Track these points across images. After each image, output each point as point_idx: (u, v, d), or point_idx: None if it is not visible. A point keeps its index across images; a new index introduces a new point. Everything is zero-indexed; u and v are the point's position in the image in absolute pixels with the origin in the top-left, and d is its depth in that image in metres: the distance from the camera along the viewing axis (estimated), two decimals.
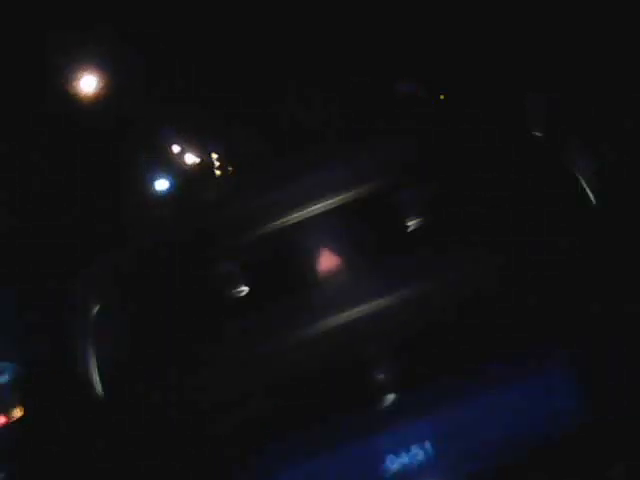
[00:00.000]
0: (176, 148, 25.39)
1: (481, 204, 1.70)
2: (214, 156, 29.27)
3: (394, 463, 1.53)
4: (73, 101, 12.55)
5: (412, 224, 1.69)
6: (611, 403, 1.53)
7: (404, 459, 1.52)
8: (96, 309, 1.74)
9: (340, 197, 1.70)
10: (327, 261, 1.69)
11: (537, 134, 1.73)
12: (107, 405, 1.67)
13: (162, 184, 21.55)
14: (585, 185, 1.67)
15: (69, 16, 11.31)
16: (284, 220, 1.70)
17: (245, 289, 1.72)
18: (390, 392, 1.57)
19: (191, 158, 27.81)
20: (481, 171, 1.73)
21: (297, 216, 1.70)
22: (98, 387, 1.68)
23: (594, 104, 1.85)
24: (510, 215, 1.68)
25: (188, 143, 26.25)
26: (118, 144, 14.92)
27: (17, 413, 1.75)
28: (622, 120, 1.83)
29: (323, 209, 1.70)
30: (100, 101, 13.69)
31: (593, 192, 1.66)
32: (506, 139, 1.77)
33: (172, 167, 23.78)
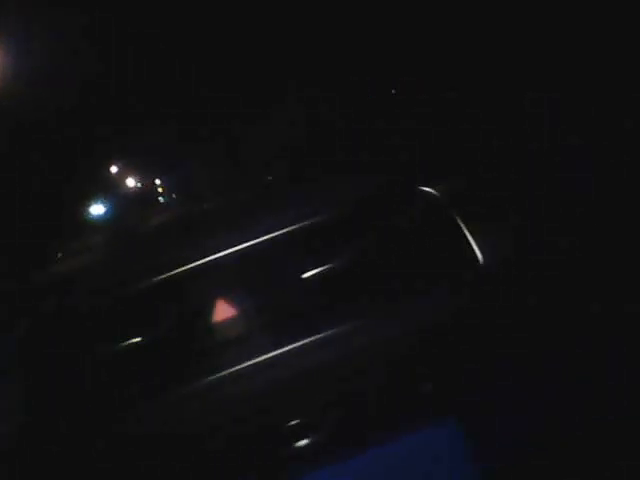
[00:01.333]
0: (115, 169, 24.70)
1: (377, 262, 1.68)
2: (157, 182, 28.87)
3: None
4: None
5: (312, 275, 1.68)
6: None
7: None
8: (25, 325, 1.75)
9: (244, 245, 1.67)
10: (230, 310, 1.67)
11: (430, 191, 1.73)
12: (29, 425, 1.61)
13: (98, 208, 21.07)
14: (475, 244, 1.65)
15: None
16: (191, 265, 1.66)
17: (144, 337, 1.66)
18: (300, 439, 1.54)
19: (132, 182, 27.24)
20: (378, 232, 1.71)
21: (204, 262, 1.66)
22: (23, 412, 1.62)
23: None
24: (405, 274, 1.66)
25: (131, 166, 25.52)
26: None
27: None
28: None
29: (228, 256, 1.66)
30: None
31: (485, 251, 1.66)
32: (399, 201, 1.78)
33: (111, 191, 23.13)
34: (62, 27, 12.24)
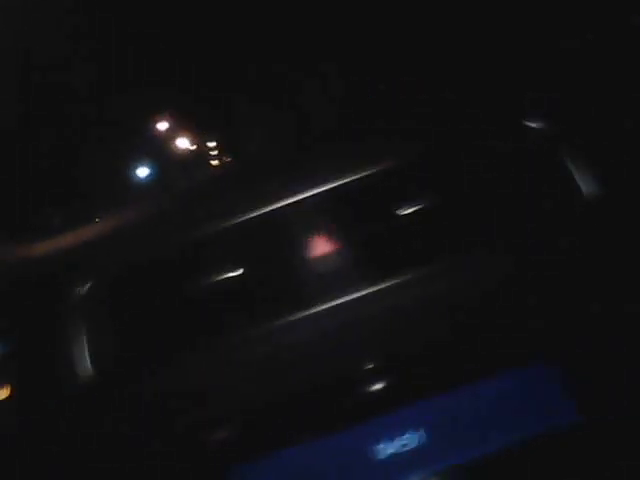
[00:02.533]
0: (164, 130, 23.24)
1: (477, 201, 1.69)
2: (210, 144, 27.76)
3: (384, 451, 1.53)
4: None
5: (405, 214, 1.69)
6: (611, 403, 1.53)
7: (394, 447, 1.52)
8: (87, 287, 1.72)
9: (332, 183, 1.68)
10: (318, 248, 1.68)
11: (532, 127, 1.73)
12: (96, 388, 1.65)
13: (143, 171, 19.82)
14: (580, 182, 1.66)
15: None
16: (274, 206, 1.68)
17: (234, 276, 1.69)
18: (379, 381, 1.56)
19: (183, 143, 26.66)
20: (477, 167, 1.72)
21: (287, 202, 1.67)
22: (88, 368, 1.66)
23: (594, 104, 1.84)
24: (507, 211, 1.68)
25: (181, 126, 24.41)
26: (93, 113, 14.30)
27: (4, 393, 1.72)
28: (622, 120, 1.82)
29: (313, 195, 1.68)
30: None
31: (588, 190, 1.66)
32: (502, 135, 1.76)
33: (158, 152, 21.83)
34: None
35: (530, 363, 1.54)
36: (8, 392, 1.69)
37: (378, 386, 1.54)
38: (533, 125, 1.73)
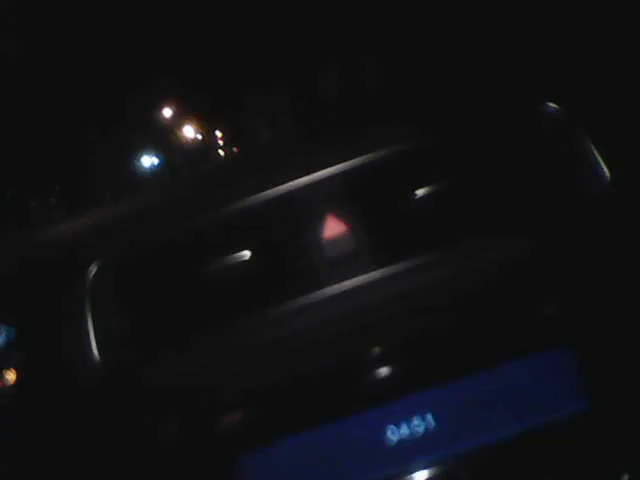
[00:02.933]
0: (169, 118, 22.40)
1: (492, 185, 1.66)
2: (218, 134, 27.56)
3: (394, 435, 1.51)
4: None
5: (419, 197, 1.66)
6: (627, 389, 1.51)
7: (405, 431, 1.51)
8: (95, 269, 1.70)
9: (345, 164, 1.66)
10: (331, 230, 1.65)
11: (547, 112, 1.70)
12: (104, 375, 1.63)
13: (149, 160, 19.45)
14: (597, 169, 1.63)
15: None
16: (286, 187, 1.66)
17: (243, 259, 1.66)
18: (392, 364, 1.54)
19: (190, 132, 26.11)
20: (492, 152, 1.69)
21: (299, 183, 1.65)
22: (95, 354, 1.64)
23: (612, 89, 1.80)
24: (521, 195, 1.65)
25: (188, 115, 24.05)
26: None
27: (11, 377, 1.71)
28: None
29: (327, 176, 1.65)
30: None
31: (604, 177, 1.62)
32: (516, 121, 1.73)
33: (163, 141, 21.29)
34: None
35: (546, 348, 1.52)
36: (14, 377, 1.68)
37: (389, 370, 1.53)
38: (548, 110, 1.70)
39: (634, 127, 1.68)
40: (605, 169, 1.62)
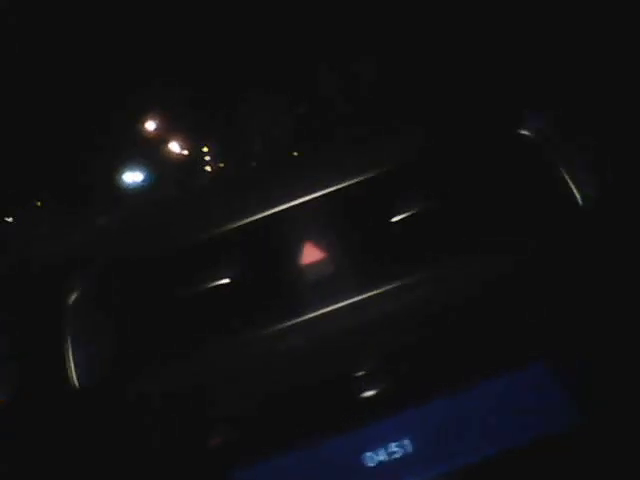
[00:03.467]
0: (157, 133, 22.12)
1: (473, 205, 1.69)
2: (204, 149, 27.32)
3: (372, 459, 1.51)
4: None
5: (402, 219, 1.67)
6: (612, 403, 1.52)
7: (383, 455, 1.51)
8: (75, 295, 1.70)
9: (328, 188, 1.68)
10: (315, 254, 1.67)
11: (524, 133, 1.73)
12: (83, 398, 1.63)
13: (133, 176, 19.01)
14: (573, 185, 1.66)
15: None
16: (271, 211, 1.68)
17: (230, 280, 1.67)
18: (371, 387, 1.55)
19: (176, 147, 25.71)
20: (471, 173, 1.71)
21: (284, 207, 1.67)
22: (73, 378, 1.64)
23: (592, 110, 1.82)
24: (503, 213, 1.67)
25: (174, 129, 23.75)
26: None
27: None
28: (620, 126, 1.80)
29: (311, 199, 1.68)
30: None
31: (583, 192, 1.66)
32: (495, 143, 1.76)
33: (150, 156, 20.76)
34: None
35: (529, 364, 1.53)
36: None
37: (369, 393, 1.53)
38: (528, 133, 1.73)
39: (613, 150, 1.72)
40: (578, 190, 1.65)
